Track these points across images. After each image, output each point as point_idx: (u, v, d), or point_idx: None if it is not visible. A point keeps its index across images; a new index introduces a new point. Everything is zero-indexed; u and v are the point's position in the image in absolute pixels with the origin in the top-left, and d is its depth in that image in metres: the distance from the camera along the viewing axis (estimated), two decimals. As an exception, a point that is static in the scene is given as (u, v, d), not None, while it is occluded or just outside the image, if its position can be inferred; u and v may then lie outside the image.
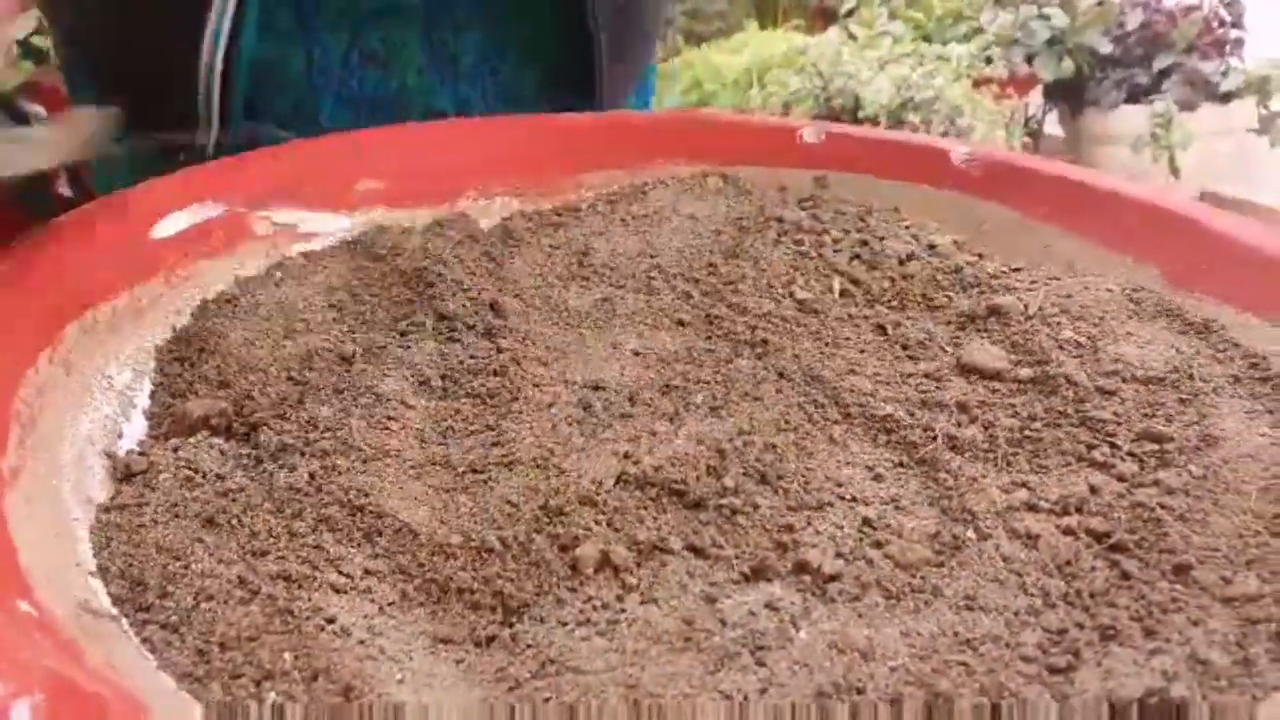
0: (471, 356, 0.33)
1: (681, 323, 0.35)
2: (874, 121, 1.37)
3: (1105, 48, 1.57)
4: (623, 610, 0.23)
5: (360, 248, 0.40)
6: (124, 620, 0.21)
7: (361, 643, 0.21)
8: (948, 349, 0.34)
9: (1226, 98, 1.57)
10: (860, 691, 0.20)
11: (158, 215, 0.35)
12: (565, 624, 0.23)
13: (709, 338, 0.34)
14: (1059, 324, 0.34)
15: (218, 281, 0.36)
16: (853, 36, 1.55)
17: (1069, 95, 1.64)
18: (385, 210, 0.42)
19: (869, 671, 0.21)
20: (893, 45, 1.48)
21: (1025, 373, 0.32)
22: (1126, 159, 1.61)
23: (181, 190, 0.37)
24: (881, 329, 0.35)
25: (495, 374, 0.32)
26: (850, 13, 1.68)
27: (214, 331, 0.33)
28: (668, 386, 0.31)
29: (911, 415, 0.30)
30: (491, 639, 0.22)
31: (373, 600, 0.23)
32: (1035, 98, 1.70)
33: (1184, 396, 0.30)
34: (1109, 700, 0.20)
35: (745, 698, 0.20)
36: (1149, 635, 0.22)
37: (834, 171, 0.45)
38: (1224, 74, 1.56)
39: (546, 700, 0.20)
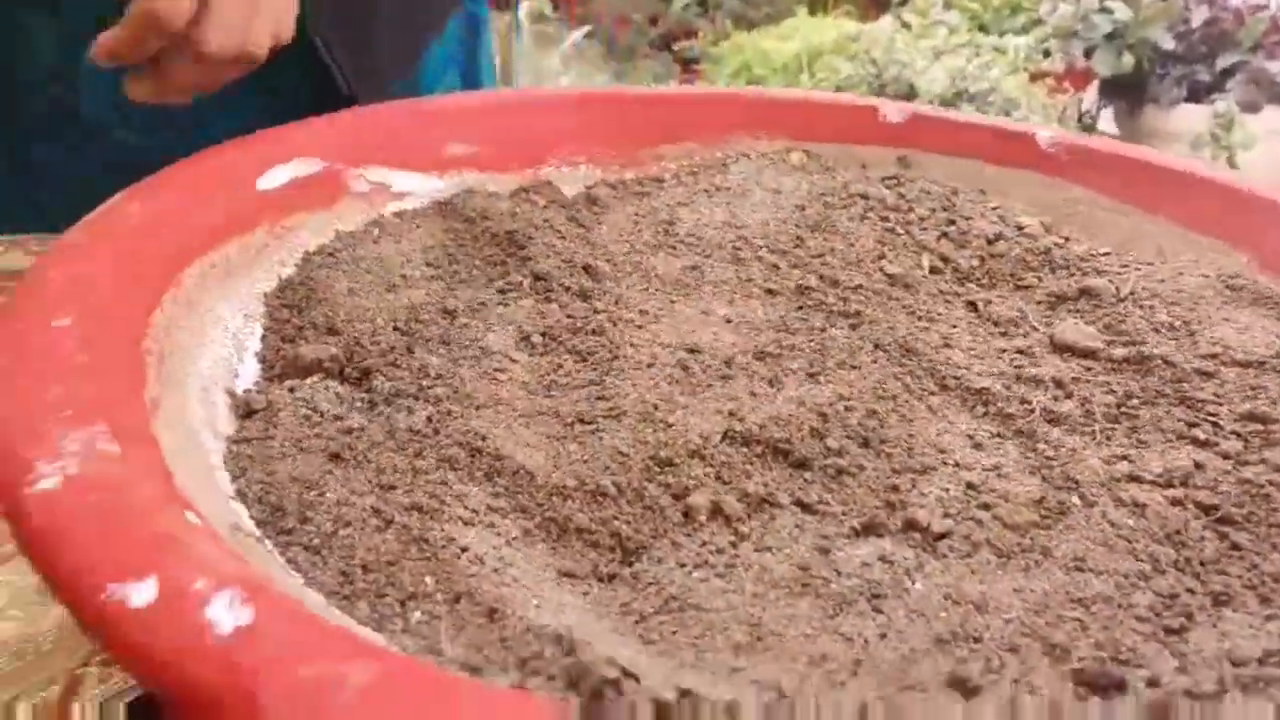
0: (569, 316, 0.34)
1: (771, 292, 0.36)
2: (927, 112, 1.36)
3: (1168, 43, 1.55)
4: (737, 556, 0.24)
5: (451, 209, 0.41)
6: (267, 542, 0.22)
7: (495, 570, 0.22)
8: (1039, 327, 0.34)
9: (1289, 100, 1.55)
10: (978, 640, 0.21)
11: (261, 168, 0.36)
12: (683, 565, 0.23)
13: (800, 308, 0.35)
14: (1152, 307, 0.34)
15: (318, 235, 0.37)
16: (907, 25, 1.54)
17: (1127, 91, 1.62)
18: (474, 173, 0.43)
19: (984, 623, 0.22)
20: (948, 35, 1.47)
21: (1120, 352, 0.32)
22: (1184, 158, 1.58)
23: (282, 145, 0.38)
24: (972, 306, 0.36)
25: (593, 333, 0.32)
26: (904, 1, 1.67)
27: (320, 281, 0.34)
28: (762, 353, 0.32)
29: (1008, 389, 0.30)
30: (613, 576, 0.23)
31: (498, 534, 0.24)
32: (1090, 93, 1.68)
33: (1285, 379, 0.30)
34: (1228, 658, 0.20)
35: (866, 641, 0.21)
36: (1264, 602, 0.22)
37: (916, 152, 0.46)
38: (1287, 75, 1.54)
39: (674, 633, 0.21)
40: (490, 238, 0.38)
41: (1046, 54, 1.43)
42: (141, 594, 0.16)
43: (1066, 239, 0.39)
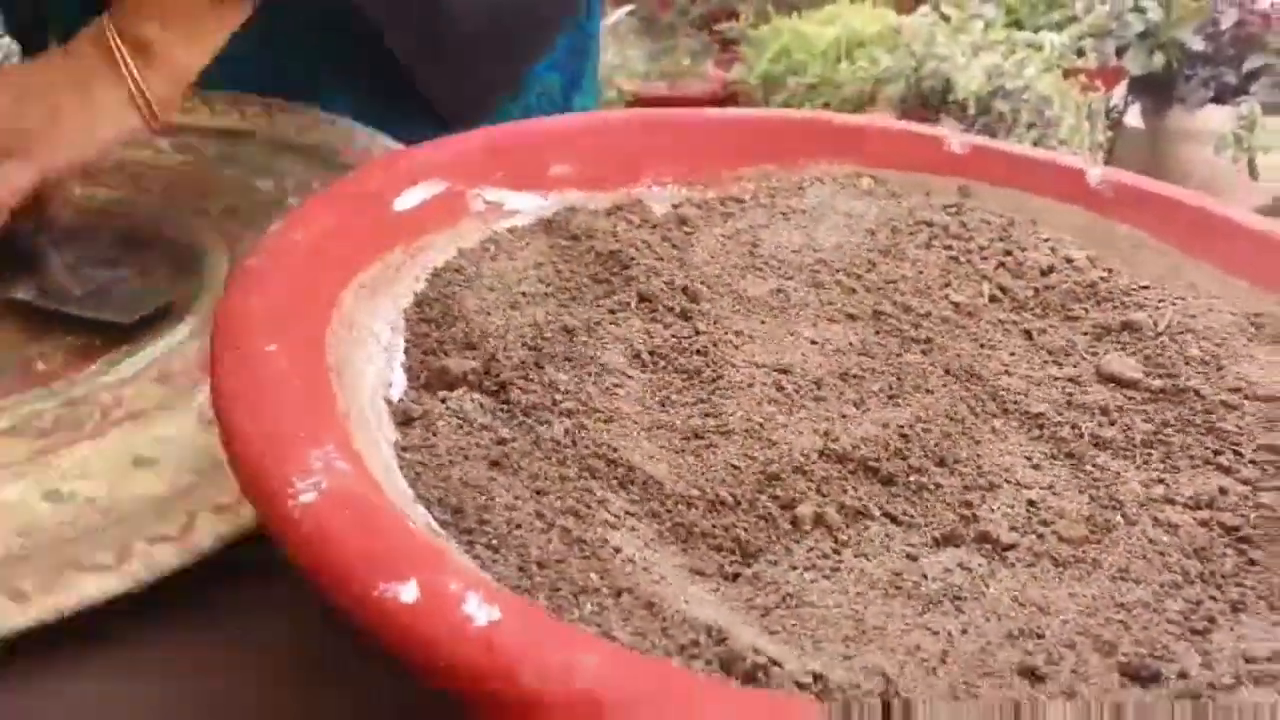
0: (674, 336, 0.38)
1: (851, 316, 0.40)
2: (962, 106, 1.39)
3: (1197, 45, 1.57)
4: (840, 560, 0.28)
5: (555, 227, 0.45)
6: (452, 541, 0.27)
7: (645, 569, 0.27)
8: (1087, 357, 0.38)
9: (1315, 103, 1.57)
10: (1041, 637, 0.26)
11: (397, 190, 0.41)
12: (795, 568, 0.28)
13: (878, 332, 0.39)
14: (1186, 341, 0.39)
15: (444, 252, 0.41)
16: (945, 17, 1.56)
17: (1155, 90, 1.64)
18: (575, 192, 0.47)
19: (1046, 622, 0.26)
20: (985, 29, 1.49)
21: (1157, 384, 0.37)
22: (1207, 158, 1.61)
23: (414, 166, 0.42)
24: (1028, 334, 0.40)
25: (698, 353, 0.37)
26: (942, -8, 1.69)
27: (452, 298, 0.39)
28: (846, 374, 0.37)
29: (1059, 414, 0.35)
30: (736, 575, 0.28)
31: (639, 536, 0.29)
32: (1119, 90, 1.70)
33: (1302, 416, 0.34)
34: (1243, 656, 0.25)
35: (950, 635, 0.26)
36: (1275, 610, 0.27)
37: (976, 182, 0.50)
38: (1315, 78, 1.56)
39: (793, 626, 0.26)
40: (595, 256, 0.43)
41: (1080, 53, 1.46)
42: (408, 593, 0.21)
43: (1111, 272, 0.43)
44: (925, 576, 0.28)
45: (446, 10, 0.53)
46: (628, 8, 1.88)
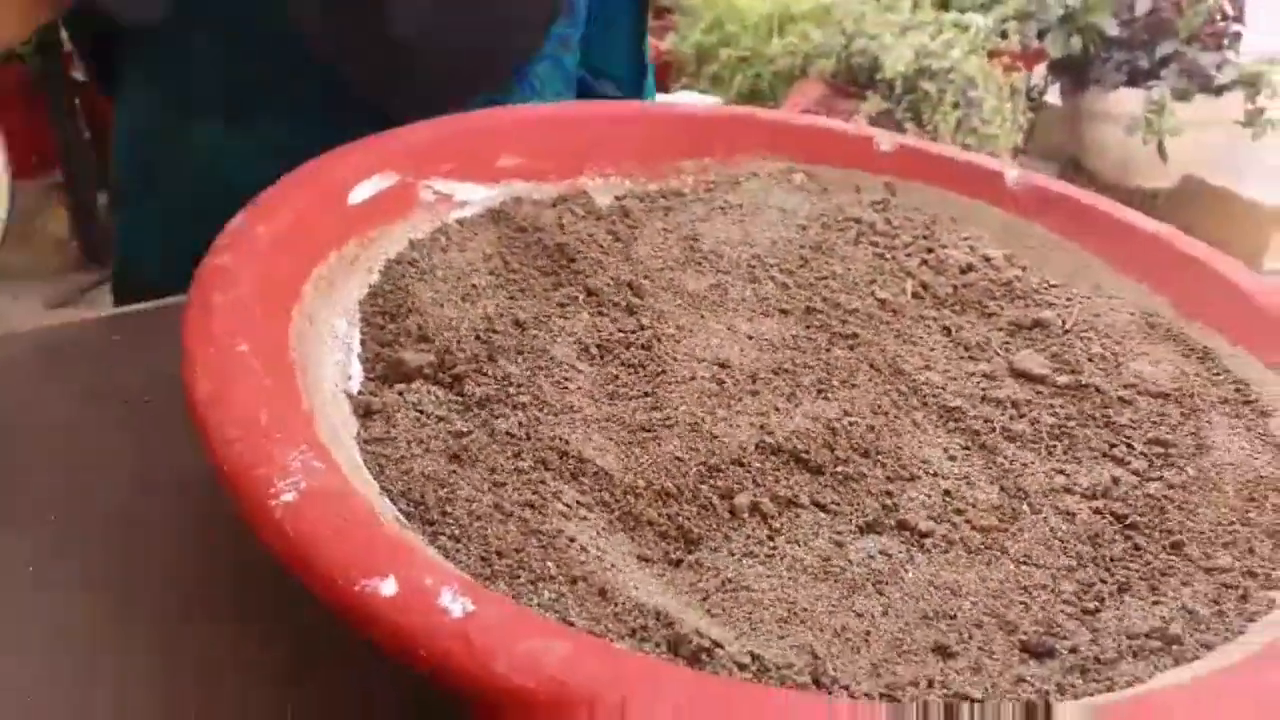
0: (620, 330, 0.40)
1: (784, 311, 0.43)
2: (890, 84, 1.43)
3: (1113, 29, 1.63)
4: (774, 547, 0.31)
5: (504, 218, 0.46)
6: (417, 533, 0.29)
7: (597, 557, 0.29)
8: (1001, 353, 0.42)
9: (1219, 90, 1.65)
10: (953, 617, 0.29)
11: (351, 184, 0.42)
12: (733, 554, 0.31)
13: (808, 327, 0.42)
14: (1089, 339, 0.42)
15: (396, 244, 0.43)
16: (876, -6, 1.59)
17: (1073, 72, 1.70)
18: (521, 183, 0.48)
19: (958, 604, 0.29)
20: (913, 9, 1.53)
21: (1063, 380, 0.40)
22: (1121, 138, 1.68)
23: (366, 159, 0.43)
24: (947, 330, 0.43)
25: (643, 348, 0.39)
26: (873, -32, 1.71)
27: (406, 290, 0.40)
28: (780, 369, 0.39)
29: (974, 408, 0.38)
30: (680, 561, 0.30)
31: (591, 525, 0.31)
32: (1040, 70, 1.76)
33: (1184, 411, 0.38)
34: (1125, 633, 0.28)
35: (873, 617, 0.29)
36: (1153, 591, 0.30)
37: (901, 179, 0.52)
38: (1219, 67, 1.64)
39: (732, 609, 0.28)
40: (542, 249, 0.44)
41: (1004, 35, 1.51)
42: (388, 587, 0.23)
43: (1024, 270, 0.47)
44: (850, 562, 0.30)
45: (405, 50, 0.54)
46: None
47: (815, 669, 0.26)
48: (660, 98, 1.87)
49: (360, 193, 0.42)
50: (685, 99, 1.67)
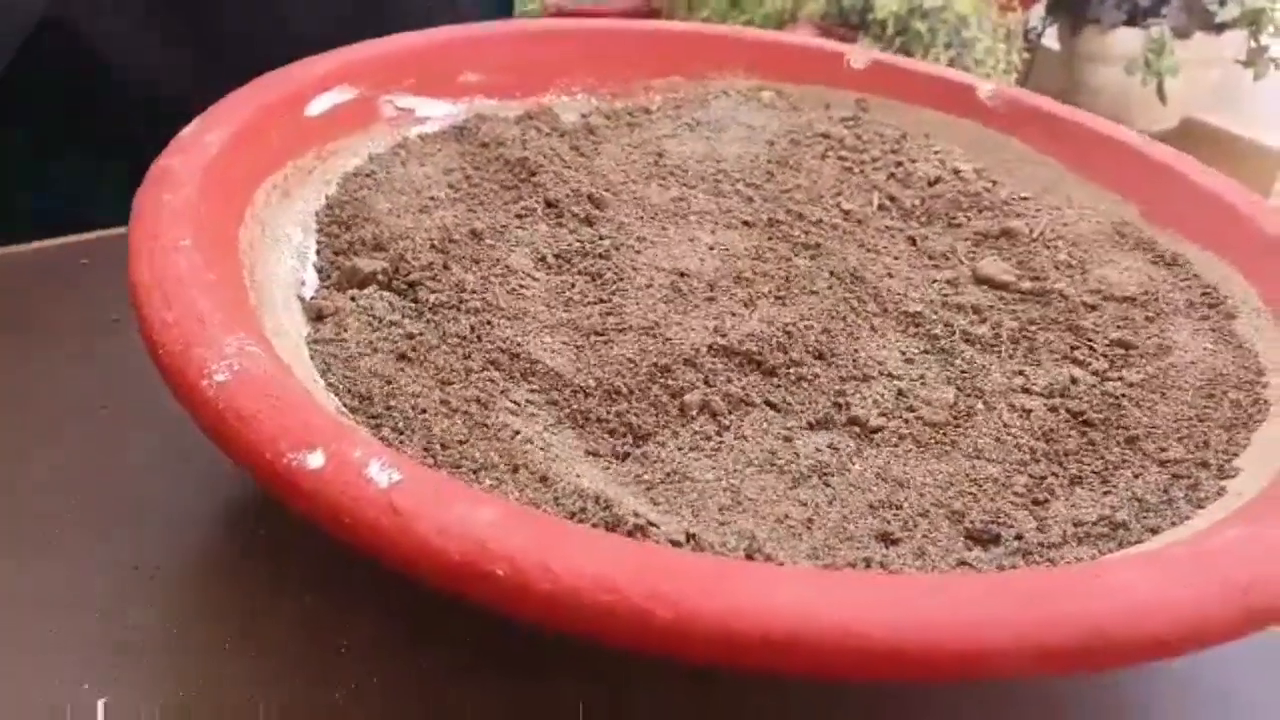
0: (578, 240, 0.40)
1: (747, 224, 0.42)
2: (881, 25, 1.41)
3: (1112, -33, 1.60)
4: (722, 442, 0.31)
5: (466, 134, 0.46)
6: (360, 426, 0.29)
7: (541, 450, 0.29)
8: (965, 261, 0.41)
9: (1220, 28, 1.62)
10: (899, 508, 0.29)
11: (308, 97, 0.41)
12: (680, 449, 0.30)
13: (771, 239, 0.41)
14: (1056, 248, 0.42)
15: (355, 157, 0.42)
16: (869, -66, 1.56)
17: (1070, 11, 1.67)
18: (485, 100, 0.48)
19: (904, 495, 0.29)
20: (907, -53, 1.50)
21: (1027, 285, 0.40)
22: (1119, 79, 1.66)
23: (324, 74, 0.42)
24: (912, 241, 0.42)
25: (600, 257, 0.39)
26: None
27: (362, 201, 0.39)
28: (739, 277, 0.39)
29: (935, 313, 0.38)
30: (627, 455, 0.30)
31: (539, 422, 0.31)
32: (1037, 11, 1.73)
33: (1149, 315, 0.38)
34: (1072, 521, 0.28)
35: (817, 506, 0.29)
36: (1104, 483, 0.30)
37: (874, 96, 0.52)
38: (1221, 4, 1.61)
39: (675, 498, 0.28)
40: (504, 163, 0.44)
41: (999, -27, 1.48)
42: (315, 460, 0.22)
43: (994, 184, 0.46)
44: (798, 456, 0.30)
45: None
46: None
47: (751, 549, 0.25)
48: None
49: (318, 105, 0.41)
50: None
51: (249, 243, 0.34)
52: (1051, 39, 1.78)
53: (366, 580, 0.29)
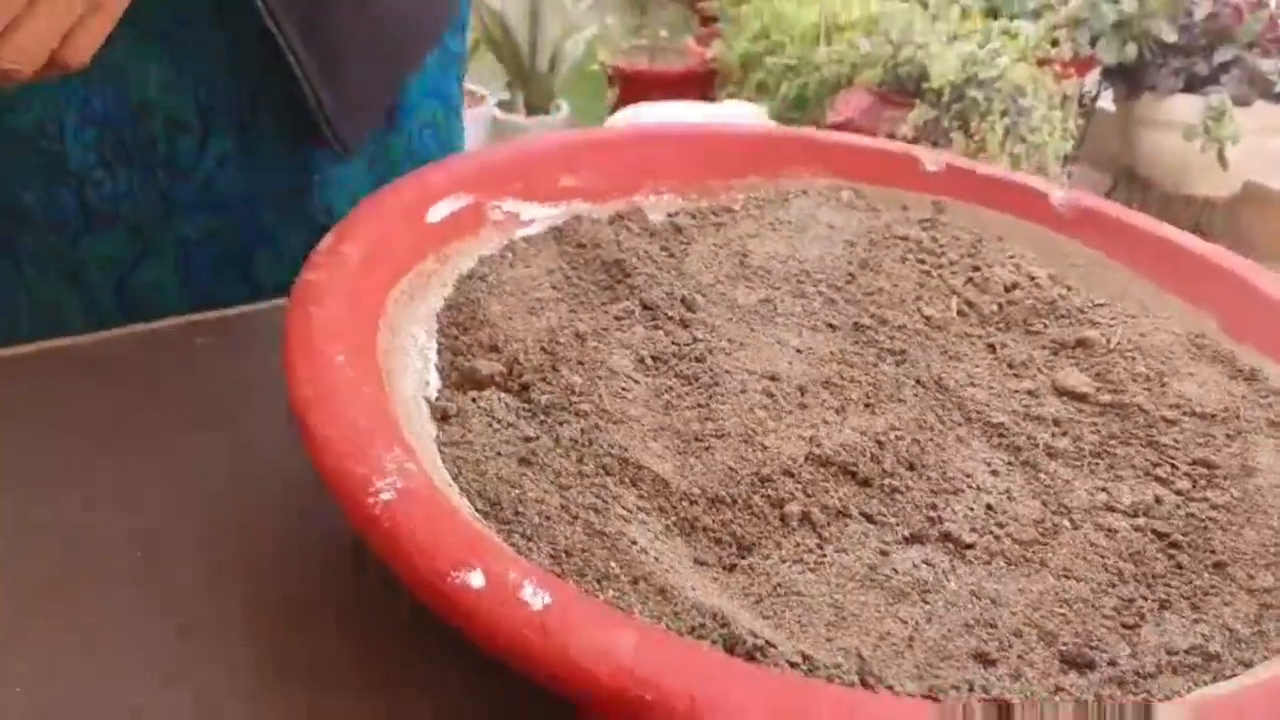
0: (674, 343, 0.42)
1: (832, 326, 0.45)
2: (937, 92, 1.43)
3: (1170, 35, 1.62)
4: (824, 555, 0.33)
5: (564, 235, 0.49)
6: (492, 530, 0.31)
7: (656, 559, 0.31)
8: (1044, 371, 0.43)
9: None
10: (994, 626, 0.30)
11: (428, 204, 0.44)
12: (784, 561, 0.32)
13: (856, 343, 0.44)
14: (1133, 359, 0.43)
15: (468, 259, 0.45)
16: (924, 3, 1.59)
17: (1127, 77, 1.69)
18: (581, 203, 0.51)
19: (998, 614, 0.31)
20: (961, 17, 1.53)
21: (1106, 398, 0.41)
22: (1176, 145, 1.67)
23: (442, 182, 0.46)
24: (991, 348, 0.44)
25: (696, 360, 0.41)
26: (922, -24, 1.72)
27: (477, 304, 0.42)
28: (828, 382, 0.41)
29: (1018, 425, 0.39)
30: (734, 566, 0.32)
31: (649, 529, 0.33)
32: (1092, 77, 1.75)
33: (1230, 432, 0.39)
34: (1165, 649, 0.30)
35: (916, 624, 0.30)
36: (1194, 609, 0.31)
37: (948, 199, 0.54)
38: (1280, 74, 1.62)
39: (783, 613, 0.30)
40: (600, 264, 0.47)
41: (1055, 43, 1.50)
42: (476, 580, 0.25)
43: (1069, 290, 0.48)
44: (895, 571, 0.32)
45: (332, 17, 0.53)
46: (613, -20, 1.89)
47: (862, 669, 0.27)
48: (707, 107, 1.89)
49: (437, 212, 0.44)
50: (731, 107, 1.69)
51: (384, 349, 0.37)
52: (1107, 102, 1.79)
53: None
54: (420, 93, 0.63)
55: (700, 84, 1.92)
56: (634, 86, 1.96)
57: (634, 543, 0.31)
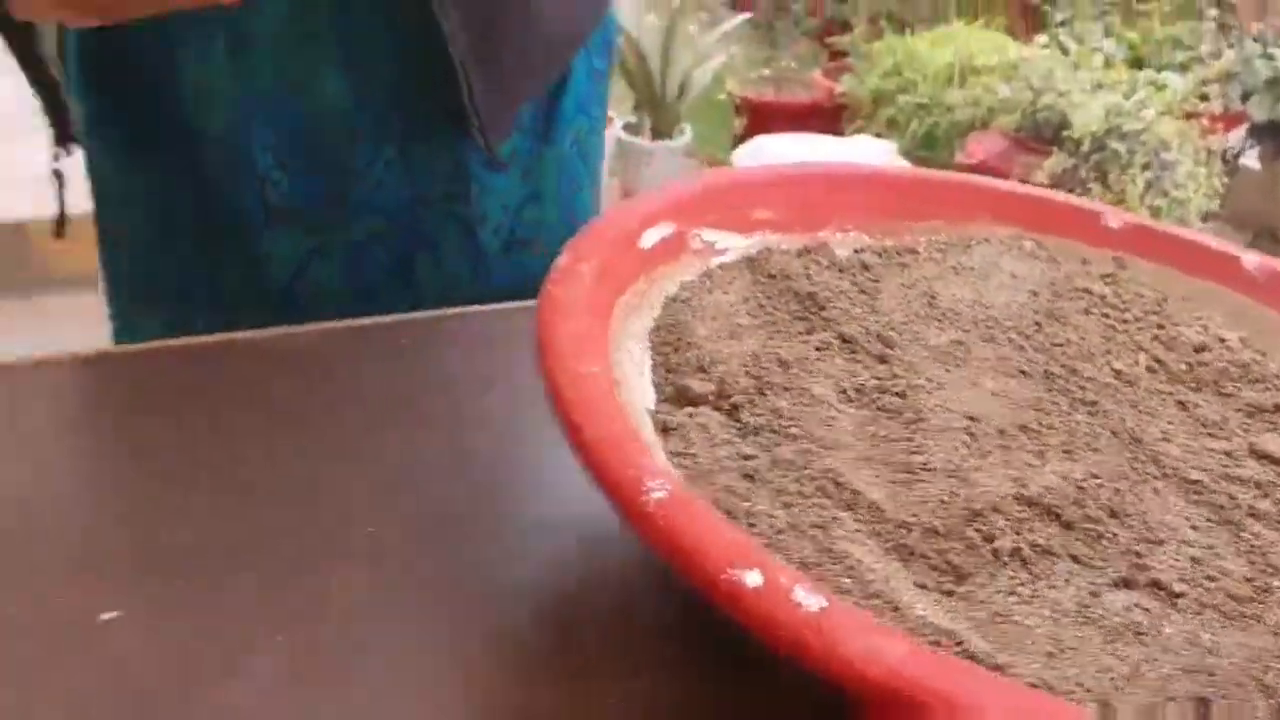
0: (875, 378, 0.44)
1: (1024, 373, 0.46)
2: (1077, 142, 1.42)
3: (1320, 98, 1.57)
4: (1036, 590, 0.34)
5: (756, 265, 0.51)
6: (731, 539, 0.34)
7: (884, 578, 0.33)
8: (1240, 434, 0.44)
9: None
10: (1212, 675, 0.32)
11: (641, 231, 0.47)
12: (999, 591, 0.34)
13: (1049, 390, 0.45)
14: (1331, 427, 0.44)
15: (672, 284, 0.48)
16: (1064, 50, 1.58)
17: (1276, 135, 1.65)
18: (771, 234, 0.53)
19: (1216, 663, 0.32)
20: (1105, 66, 1.52)
21: (1305, 464, 0.42)
22: (1317, 212, 1.62)
23: (651, 211, 0.49)
24: (1183, 406, 0.45)
25: (898, 395, 0.43)
26: (1063, 23, 1.71)
27: (684, 325, 0.45)
28: (1026, 427, 0.42)
29: (1216, 484, 0.40)
30: (952, 592, 0.34)
31: (869, 551, 0.35)
32: (1237, 132, 1.71)
33: None
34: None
35: (1136, 663, 0.32)
36: None
37: (1130, 255, 0.55)
38: None
39: (1005, 641, 0.32)
40: (793, 295, 0.49)
41: (1204, 98, 1.48)
42: (754, 579, 0.27)
43: (1263, 355, 0.48)
44: (1108, 611, 0.33)
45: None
46: (746, 15, 1.93)
47: (1096, 698, 0.29)
48: (837, 141, 1.91)
49: (649, 238, 0.48)
50: (861, 143, 1.71)
51: (616, 361, 0.40)
52: (1251, 159, 1.75)
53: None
54: (573, 108, 0.66)
55: (826, 117, 1.94)
56: (760, 116, 1.99)
57: (861, 561, 0.33)
